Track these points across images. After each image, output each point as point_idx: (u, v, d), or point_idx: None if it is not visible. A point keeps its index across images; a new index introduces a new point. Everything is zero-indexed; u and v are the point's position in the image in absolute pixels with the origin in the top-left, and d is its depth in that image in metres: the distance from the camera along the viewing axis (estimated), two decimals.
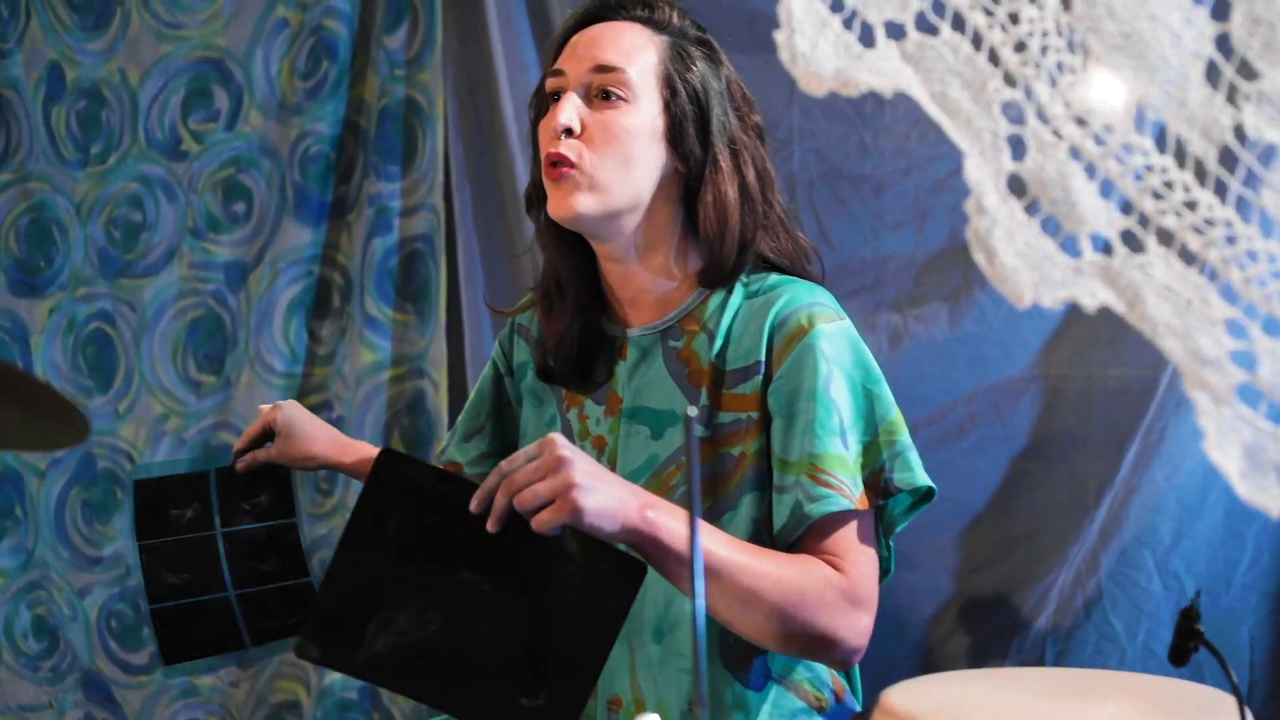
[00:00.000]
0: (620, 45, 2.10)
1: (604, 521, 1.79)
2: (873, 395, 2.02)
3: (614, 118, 2.06)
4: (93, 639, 4.05)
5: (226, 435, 3.97)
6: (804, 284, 2.10)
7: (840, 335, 2.03)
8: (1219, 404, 1.09)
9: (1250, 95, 1.10)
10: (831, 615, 1.93)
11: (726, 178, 2.08)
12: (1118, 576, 2.93)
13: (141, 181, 4.05)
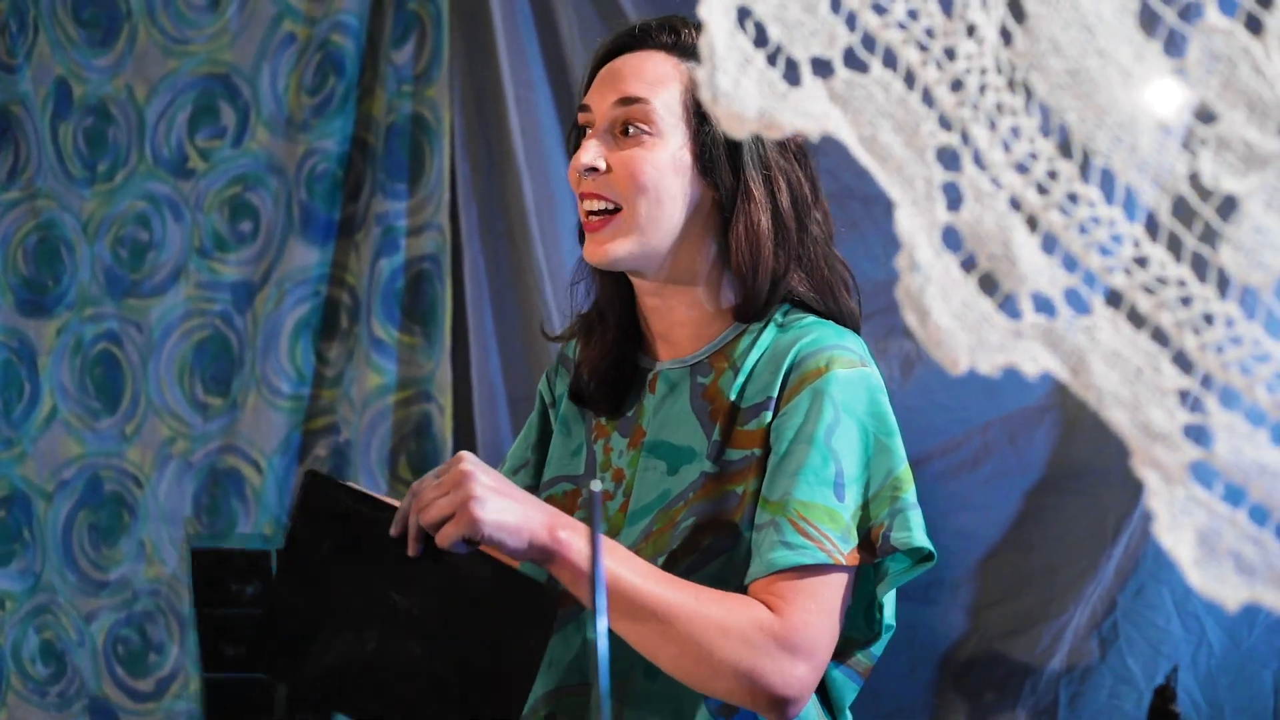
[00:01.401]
0: (644, 76, 2.01)
1: (505, 535, 1.76)
2: (883, 447, 1.91)
3: (639, 154, 1.98)
4: (100, 665, 4.01)
5: (233, 459, 3.91)
6: (835, 327, 2.01)
7: (858, 382, 1.92)
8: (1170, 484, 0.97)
9: (1208, 140, 0.99)
10: (756, 656, 1.81)
11: (759, 206, 1.99)
12: (1134, 616, 2.81)
13: (148, 200, 4.00)
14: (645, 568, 1.84)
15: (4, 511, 4.10)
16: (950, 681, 3.02)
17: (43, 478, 4.07)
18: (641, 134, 1.98)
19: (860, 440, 1.89)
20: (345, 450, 3.82)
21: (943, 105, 1.04)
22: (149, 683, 3.98)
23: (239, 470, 3.92)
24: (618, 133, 2.00)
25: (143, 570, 3.98)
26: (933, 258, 1.03)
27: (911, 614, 3.10)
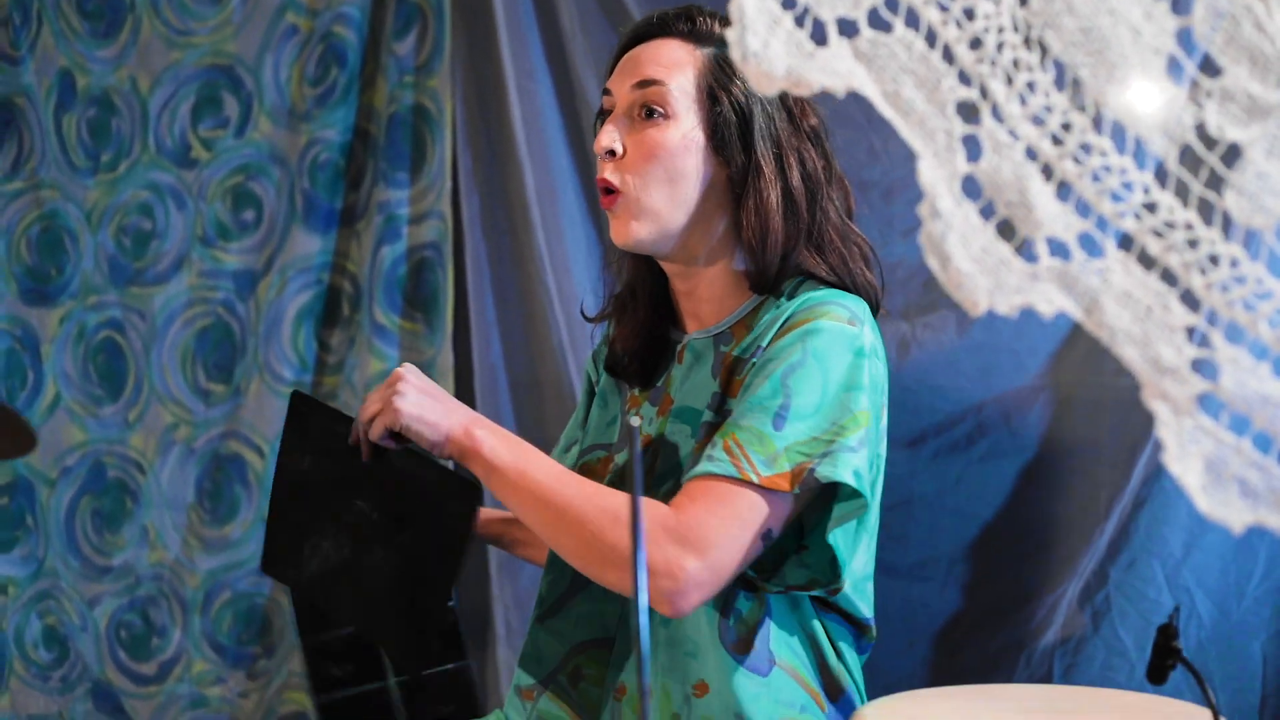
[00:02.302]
0: (661, 61, 2.13)
1: (423, 427, 1.95)
2: (843, 401, 1.98)
3: (653, 135, 2.09)
4: (102, 649, 4.05)
5: (236, 445, 3.96)
6: (844, 294, 2.09)
7: (839, 336, 2.00)
8: (1179, 415, 1.04)
9: (1213, 93, 1.06)
10: (645, 544, 1.90)
11: (769, 183, 2.09)
12: (1127, 589, 2.88)
13: (151, 189, 4.04)
14: (553, 467, 1.98)
15: (6, 498, 4.14)
16: (946, 656, 3.08)
17: (46, 464, 4.11)
18: (657, 116, 2.09)
19: (820, 387, 1.97)
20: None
21: (962, 62, 1.11)
22: (151, 666, 4.03)
23: (242, 456, 3.97)
24: (636, 115, 2.11)
25: (146, 555, 4.03)
26: (953, 206, 1.09)
27: (908, 590, 3.17)
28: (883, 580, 3.21)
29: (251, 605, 3.96)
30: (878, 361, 2.05)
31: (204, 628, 3.98)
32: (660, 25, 2.17)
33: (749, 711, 2.02)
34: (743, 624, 2.05)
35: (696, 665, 2.04)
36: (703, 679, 2.04)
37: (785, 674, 2.05)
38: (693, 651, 2.05)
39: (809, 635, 2.09)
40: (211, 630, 3.97)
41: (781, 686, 2.05)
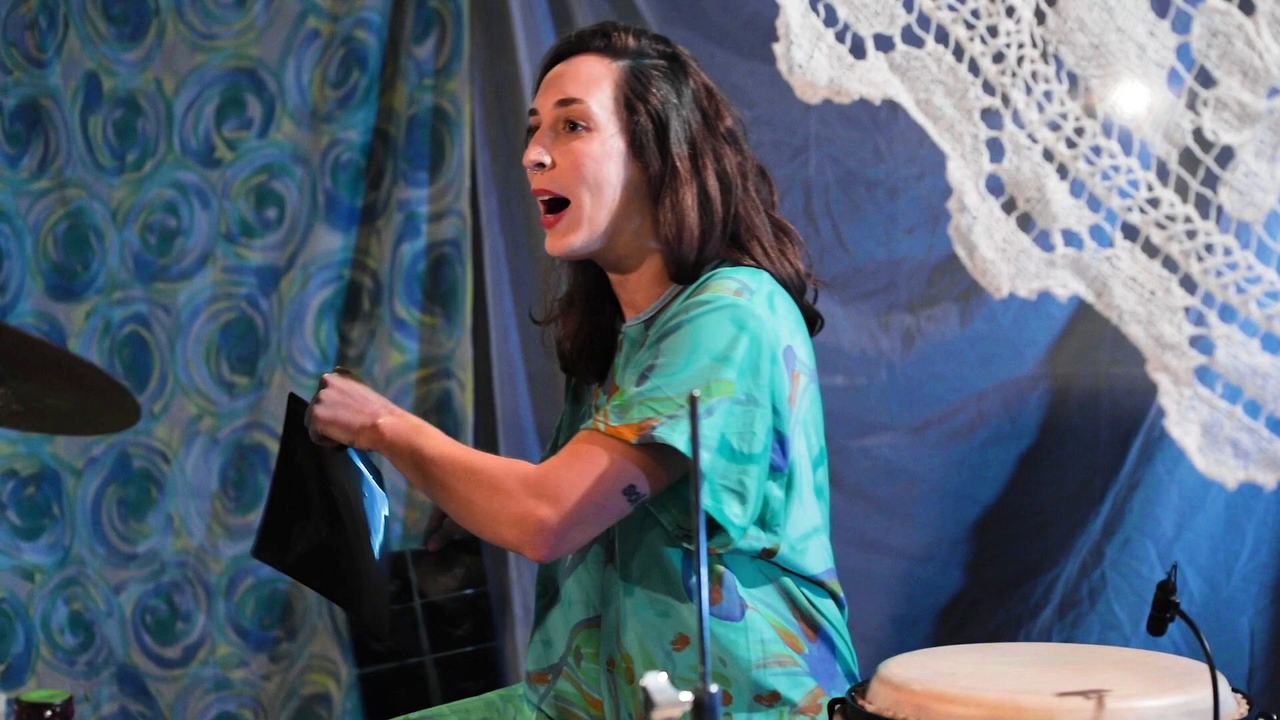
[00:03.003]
0: (580, 78, 2.29)
1: (337, 430, 2.25)
2: (707, 370, 2.12)
3: (578, 146, 2.26)
4: (128, 634, 4.15)
5: (259, 435, 4.08)
6: (744, 269, 2.25)
7: (719, 305, 2.15)
8: (1179, 385, 1.19)
9: (1209, 101, 1.20)
10: (505, 500, 2.12)
11: (684, 183, 2.25)
12: (1121, 567, 3.04)
13: (176, 188, 4.15)
14: (441, 438, 2.23)
15: (33, 488, 4.21)
16: (949, 632, 3.24)
17: (72, 455, 4.20)
18: (580, 129, 2.25)
19: (688, 352, 2.12)
20: None
21: (986, 74, 1.25)
22: (176, 650, 4.13)
23: (265, 445, 4.09)
24: (560, 130, 2.27)
25: (171, 543, 4.14)
26: (978, 201, 1.24)
27: (912, 570, 3.34)
28: (888, 560, 3.38)
29: (274, 590, 4.08)
30: (767, 333, 2.16)
31: (228, 612, 4.09)
32: (578, 43, 2.33)
33: (732, 653, 2.18)
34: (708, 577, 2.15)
35: (671, 622, 2.20)
36: (680, 633, 2.20)
37: (758, 616, 2.20)
38: (664, 611, 2.20)
39: (774, 582, 2.23)
40: (235, 614, 4.09)
41: (758, 627, 2.19)
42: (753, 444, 2.12)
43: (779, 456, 2.16)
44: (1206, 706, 1.65)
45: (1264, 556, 2.99)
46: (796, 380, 2.19)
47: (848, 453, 3.39)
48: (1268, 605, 3.00)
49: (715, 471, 2.11)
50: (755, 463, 2.12)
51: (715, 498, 2.11)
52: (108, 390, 1.56)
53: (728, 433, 2.10)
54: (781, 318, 2.19)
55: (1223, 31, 1.14)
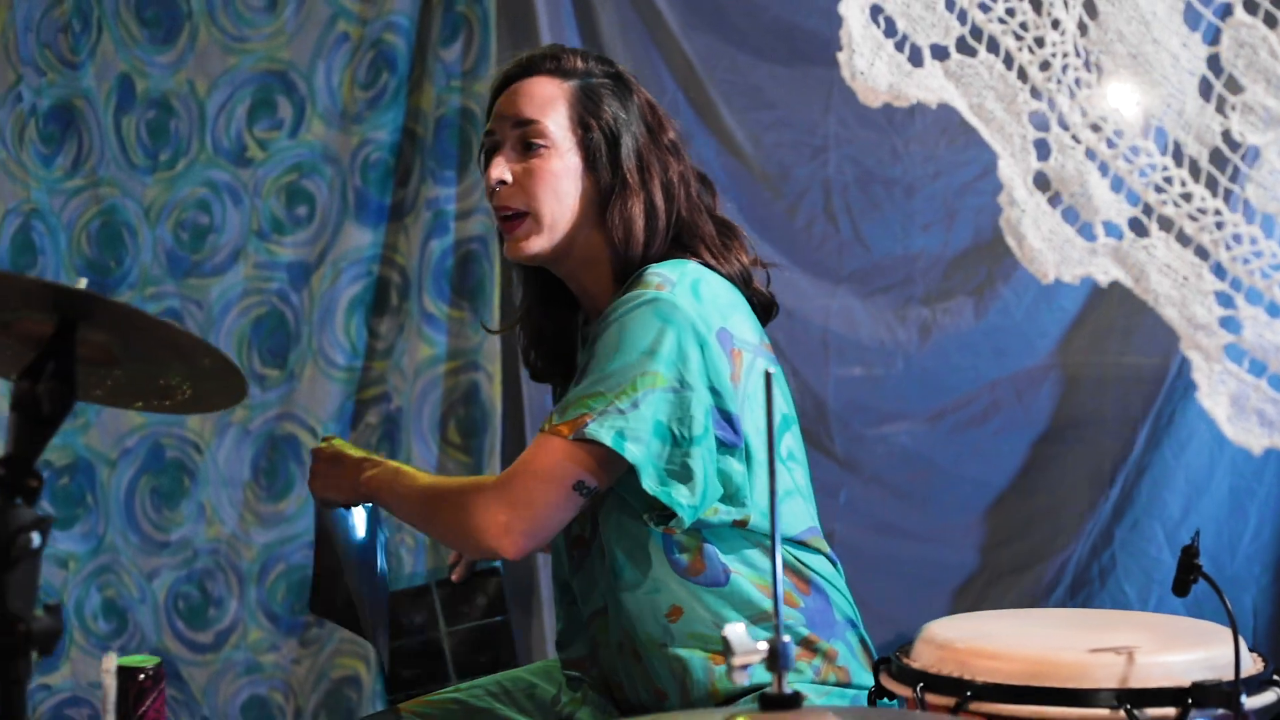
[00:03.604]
0: (534, 99, 2.44)
1: (333, 494, 2.48)
2: (634, 364, 2.27)
3: (538, 165, 2.41)
4: (160, 619, 4.25)
5: (291, 426, 4.19)
6: (673, 262, 2.39)
7: (644, 300, 2.29)
8: (1210, 361, 1.33)
9: (1236, 106, 1.34)
10: (470, 514, 2.31)
11: (633, 194, 2.40)
12: (1130, 548, 3.19)
13: (208, 186, 4.25)
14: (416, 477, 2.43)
15: (67, 478, 4.32)
16: (965, 612, 3.38)
17: (106, 446, 4.30)
18: (539, 148, 2.41)
19: (614, 347, 2.28)
20: (396, 416, 4.10)
21: (1034, 80, 1.39)
22: (208, 635, 4.21)
23: (296, 436, 4.19)
24: (519, 149, 2.42)
25: (203, 530, 4.23)
26: (1027, 196, 1.38)
27: (929, 552, 3.48)
28: (906, 543, 3.52)
29: (304, 576, 4.16)
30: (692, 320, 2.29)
31: (259, 598, 4.19)
32: (529, 66, 2.48)
33: (723, 615, 2.33)
34: (686, 551, 2.34)
35: (662, 598, 2.35)
36: (672, 604, 2.35)
37: (743, 579, 2.35)
38: (654, 588, 2.36)
39: (758, 546, 2.38)
40: (266, 600, 4.19)
41: (744, 589, 2.34)
42: (692, 427, 2.25)
43: (730, 434, 2.29)
44: (1227, 662, 1.80)
45: (1266, 537, 3.14)
46: (738, 359, 2.32)
47: (866, 440, 3.53)
48: (1270, 584, 3.15)
49: (659, 458, 2.25)
50: (697, 444, 2.25)
51: (662, 483, 2.26)
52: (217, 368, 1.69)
53: (664, 420, 2.24)
54: (710, 302, 2.32)
55: (1249, 43, 1.27)
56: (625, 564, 2.37)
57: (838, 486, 3.57)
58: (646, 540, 2.35)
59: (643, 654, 2.37)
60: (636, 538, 2.36)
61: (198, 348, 1.68)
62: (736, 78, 3.71)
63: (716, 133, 3.74)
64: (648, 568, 2.36)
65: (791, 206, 3.64)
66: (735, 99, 3.71)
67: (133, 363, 1.68)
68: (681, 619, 2.34)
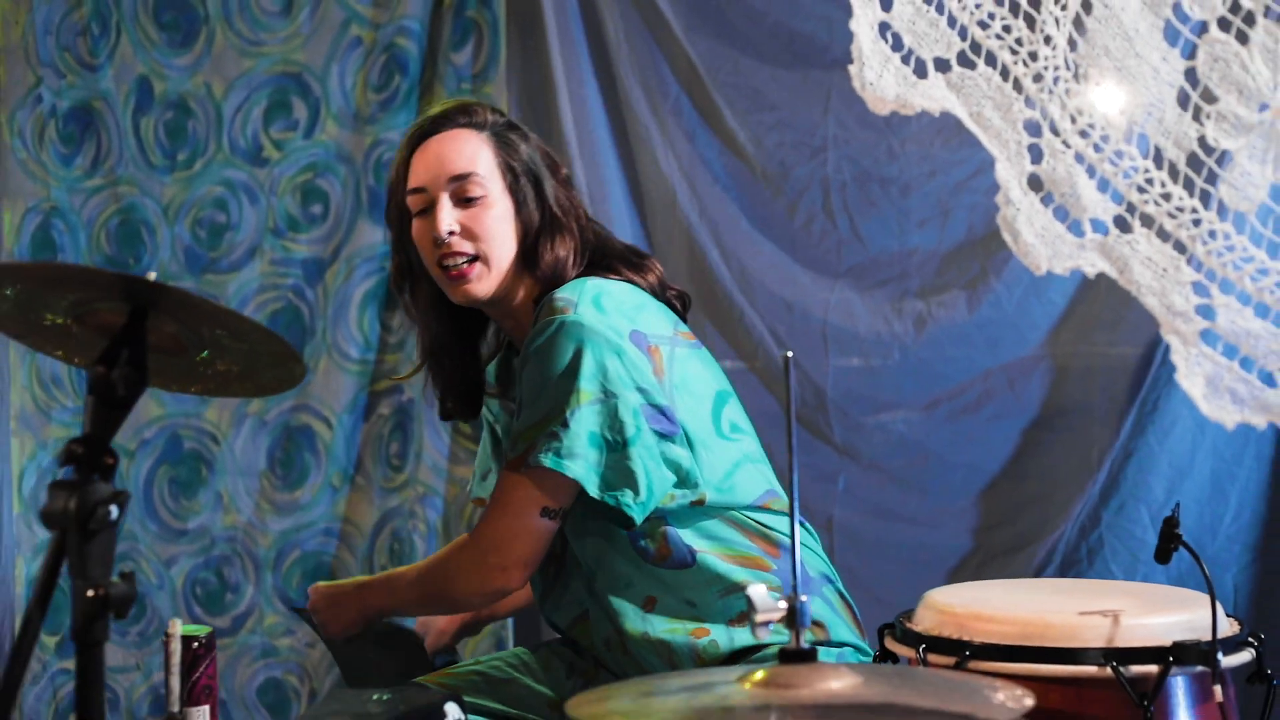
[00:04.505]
0: (462, 153, 2.58)
1: (350, 628, 2.66)
2: (560, 387, 2.43)
3: (480, 213, 2.55)
4: (178, 605, 4.35)
5: (306, 417, 4.29)
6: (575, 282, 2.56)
7: (553, 327, 2.46)
8: (1187, 345, 1.48)
9: (1211, 114, 1.49)
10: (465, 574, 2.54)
11: (560, 231, 2.58)
12: (1117, 530, 3.34)
13: (225, 185, 4.36)
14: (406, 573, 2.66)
15: None
16: None
17: (125, 437, 4.36)
18: (478, 198, 2.56)
19: (538, 378, 2.45)
20: (408, 408, 4.21)
21: (1028, 91, 1.54)
22: (225, 620, 4.30)
23: (311, 426, 4.30)
24: (458, 201, 2.56)
25: (220, 519, 4.34)
26: (1021, 196, 1.53)
27: (924, 535, 3.63)
28: (902, 527, 3.67)
29: (319, 563, 4.30)
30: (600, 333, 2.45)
31: (275, 583, 4.30)
32: (444, 121, 2.63)
33: (695, 593, 2.49)
34: (651, 539, 2.50)
35: (636, 590, 2.52)
36: (646, 595, 2.51)
37: (710, 555, 2.50)
38: (627, 584, 2.52)
39: (720, 519, 2.53)
40: (282, 586, 4.30)
41: (710, 565, 2.50)
42: (624, 431, 2.42)
43: (666, 424, 2.45)
44: (1206, 624, 1.96)
45: (1246, 519, 3.30)
46: (656, 354, 2.49)
47: (864, 428, 3.68)
48: (1249, 563, 3.31)
49: (599, 466, 2.42)
50: (632, 445, 2.41)
51: (608, 489, 2.43)
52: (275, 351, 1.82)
53: (597, 430, 2.41)
54: (614, 310, 2.48)
55: (1222, 58, 1.42)
56: (596, 567, 2.53)
57: (837, 472, 3.71)
58: (612, 539, 2.51)
59: (629, 646, 2.52)
60: (602, 539, 2.52)
61: (258, 333, 1.81)
62: (738, 80, 3.84)
63: (719, 133, 3.88)
64: (618, 565, 2.52)
65: (792, 204, 3.78)
66: (737, 101, 3.84)
67: (198, 349, 1.82)
68: (657, 606, 2.50)
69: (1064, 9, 1.54)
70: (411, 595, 2.61)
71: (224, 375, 1.85)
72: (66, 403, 4.45)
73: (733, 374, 3.78)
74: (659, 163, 3.93)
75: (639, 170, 3.98)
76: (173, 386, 1.94)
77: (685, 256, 3.90)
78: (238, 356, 1.81)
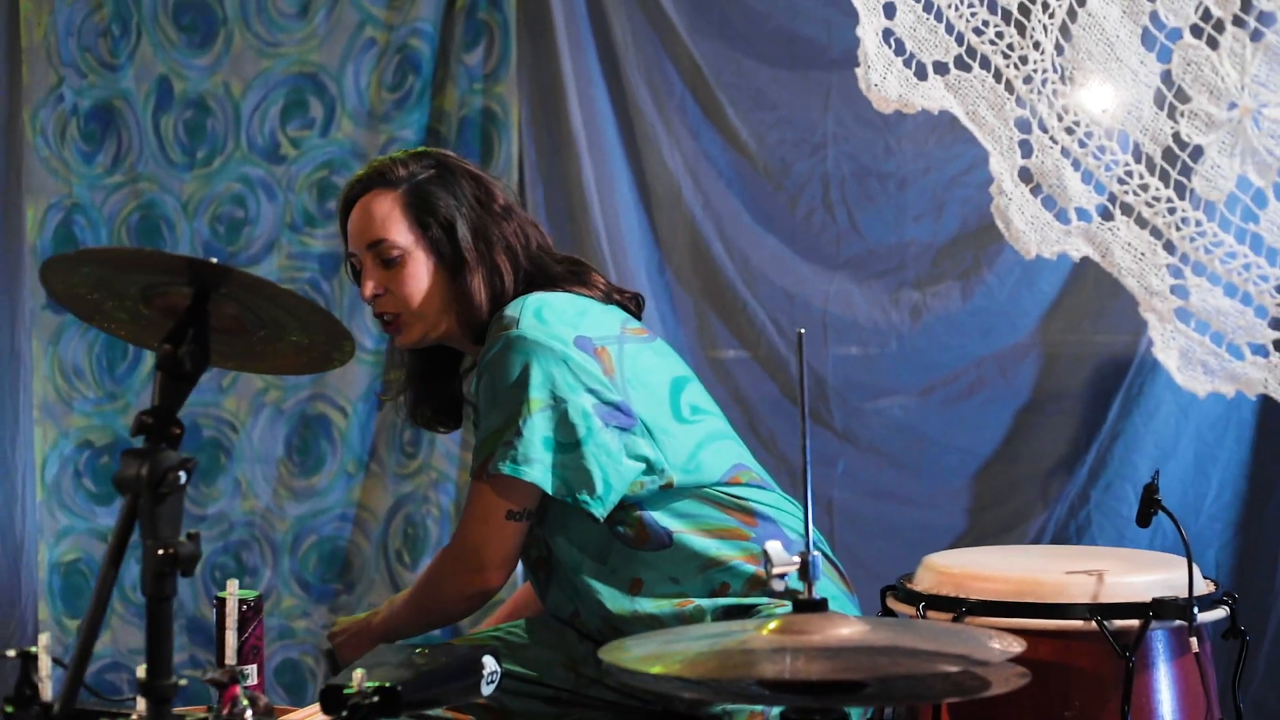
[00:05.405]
0: (375, 220, 2.73)
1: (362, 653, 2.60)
2: (511, 399, 2.58)
3: (398, 274, 2.71)
4: (197, 588, 4.44)
5: (322, 405, 4.40)
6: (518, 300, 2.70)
7: (500, 345, 2.61)
8: (1163, 322, 1.64)
9: (1184, 113, 1.65)
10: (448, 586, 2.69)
11: (474, 270, 2.71)
12: (1105, 508, 3.50)
13: (244, 182, 4.45)
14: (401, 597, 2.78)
15: (108, 457, 4.50)
16: None
17: None
18: (394, 260, 2.72)
19: (490, 392, 2.61)
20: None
21: (1019, 91, 1.70)
22: None
23: (327, 415, 4.40)
24: (379, 264, 2.73)
25: (239, 504, 4.43)
26: (1013, 187, 1.69)
27: (919, 516, 3.78)
28: (899, 507, 3.82)
29: (335, 547, 4.41)
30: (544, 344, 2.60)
31: (292, 567, 4.40)
32: (360, 186, 2.79)
33: (677, 570, 2.63)
34: (628, 525, 2.64)
35: (620, 575, 2.66)
36: (632, 579, 2.65)
37: (686, 534, 2.64)
38: (611, 571, 2.66)
39: (693, 498, 2.66)
40: (299, 569, 4.40)
41: (688, 543, 2.63)
42: (574, 433, 2.56)
43: (623, 418, 2.59)
44: (1184, 583, 2.13)
45: (1227, 498, 3.46)
46: (603, 355, 2.63)
47: (863, 413, 3.83)
48: (1230, 540, 3.48)
49: (556, 468, 2.57)
50: (584, 445, 2.56)
51: (566, 488, 2.58)
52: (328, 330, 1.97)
53: (550, 434, 2.56)
54: (555, 321, 2.63)
55: (1195, 61, 1.58)
56: (580, 559, 2.67)
57: (836, 456, 3.85)
58: (591, 532, 2.64)
59: (622, 627, 2.63)
60: (581, 533, 2.66)
61: (315, 313, 1.96)
62: (741, 80, 3.97)
63: (722, 131, 4.01)
64: (600, 554, 2.66)
65: (792, 199, 3.92)
66: (740, 100, 3.97)
67: (259, 329, 1.97)
68: (644, 588, 2.64)
69: (1051, 17, 1.70)
70: (407, 613, 2.74)
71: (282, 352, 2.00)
72: (88, 393, 4.53)
73: (736, 362, 3.96)
74: (664, 159, 4.05)
75: (645, 166, 4.10)
76: (232, 365, 2.08)
77: (690, 249, 4.03)
78: (296, 334, 1.96)
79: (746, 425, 3.85)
